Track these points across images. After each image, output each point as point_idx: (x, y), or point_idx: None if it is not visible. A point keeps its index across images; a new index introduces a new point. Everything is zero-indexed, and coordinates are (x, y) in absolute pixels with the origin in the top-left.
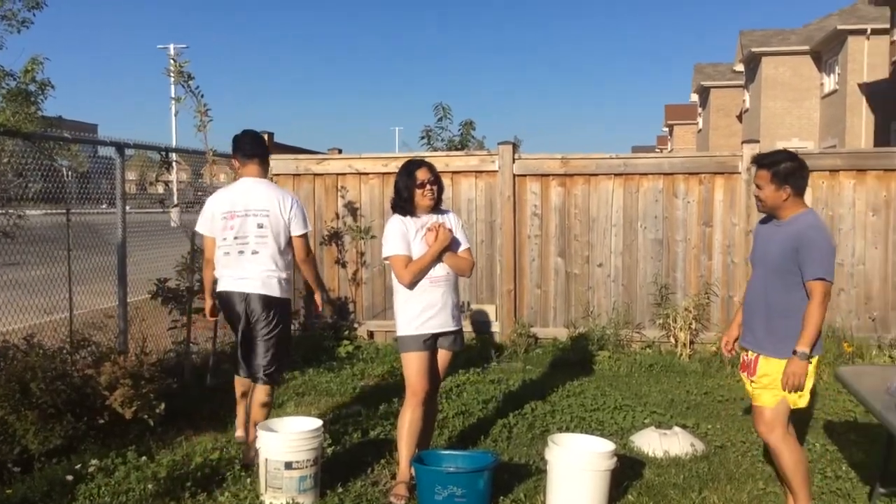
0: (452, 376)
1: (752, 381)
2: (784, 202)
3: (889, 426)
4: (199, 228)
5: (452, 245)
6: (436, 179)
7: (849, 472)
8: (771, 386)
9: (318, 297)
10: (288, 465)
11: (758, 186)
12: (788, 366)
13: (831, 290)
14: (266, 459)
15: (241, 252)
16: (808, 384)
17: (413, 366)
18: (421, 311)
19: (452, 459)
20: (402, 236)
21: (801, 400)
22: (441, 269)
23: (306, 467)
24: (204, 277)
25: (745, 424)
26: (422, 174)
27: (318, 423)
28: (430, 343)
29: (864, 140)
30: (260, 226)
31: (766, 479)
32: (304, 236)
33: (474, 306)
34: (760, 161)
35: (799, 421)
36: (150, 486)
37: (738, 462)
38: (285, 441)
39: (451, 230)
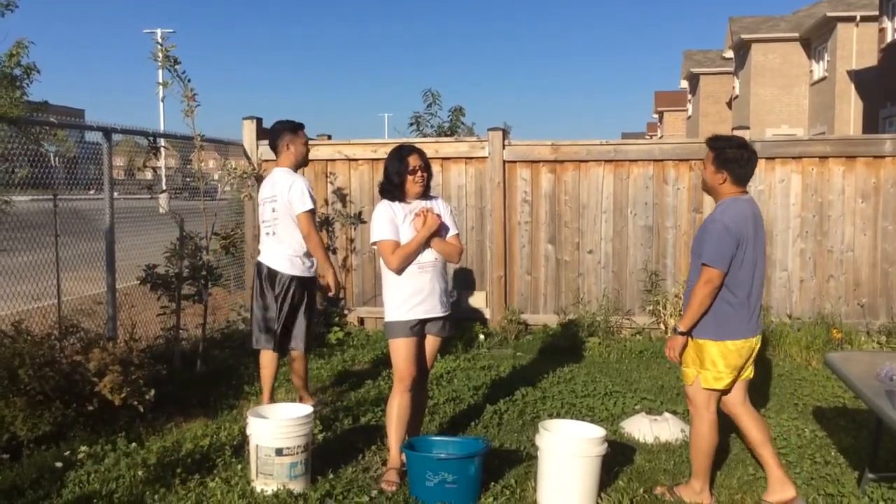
0: (443, 363)
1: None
2: (720, 186)
3: (878, 411)
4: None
5: (441, 231)
6: (426, 166)
7: (838, 458)
8: (686, 364)
9: (325, 278)
10: (279, 452)
11: (704, 166)
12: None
13: (717, 277)
14: (257, 446)
15: (266, 234)
16: (721, 364)
17: (400, 352)
18: (408, 296)
19: (443, 446)
20: (391, 221)
21: (718, 383)
22: (429, 255)
23: (297, 453)
24: None
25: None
26: (413, 160)
27: (309, 409)
28: (418, 329)
29: (853, 127)
30: (273, 210)
31: (755, 464)
32: (306, 214)
33: (464, 292)
34: (711, 142)
35: (789, 406)
36: (139, 472)
37: (727, 447)
38: (276, 427)
39: (439, 216)
